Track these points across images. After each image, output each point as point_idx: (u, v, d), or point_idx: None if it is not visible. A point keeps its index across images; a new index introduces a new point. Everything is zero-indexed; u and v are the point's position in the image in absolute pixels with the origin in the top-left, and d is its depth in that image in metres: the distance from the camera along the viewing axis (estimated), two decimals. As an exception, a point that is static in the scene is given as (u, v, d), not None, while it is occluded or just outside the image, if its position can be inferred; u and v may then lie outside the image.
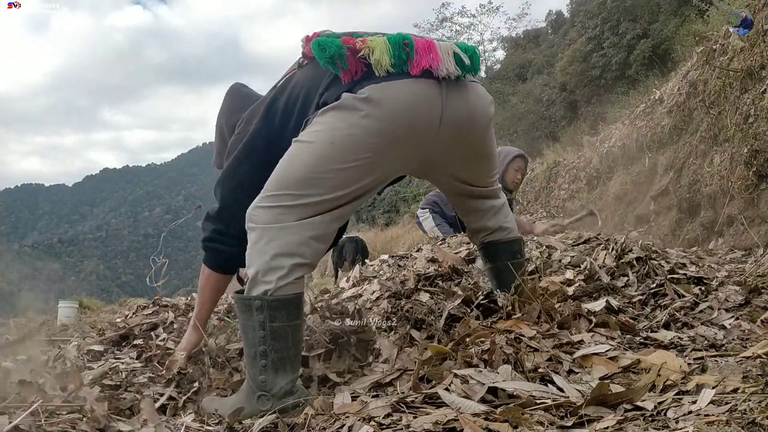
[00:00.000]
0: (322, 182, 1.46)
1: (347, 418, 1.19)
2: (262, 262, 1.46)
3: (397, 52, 1.42)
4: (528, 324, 1.58)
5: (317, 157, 1.46)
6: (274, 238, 1.46)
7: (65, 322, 6.57)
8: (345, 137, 1.44)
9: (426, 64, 1.42)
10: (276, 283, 1.44)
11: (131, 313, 2.64)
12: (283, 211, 1.47)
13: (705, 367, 1.27)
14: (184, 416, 1.49)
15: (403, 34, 1.46)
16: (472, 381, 1.23)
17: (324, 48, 1.44)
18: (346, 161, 1.45)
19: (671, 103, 4.98)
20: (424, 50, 1.43)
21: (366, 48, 1.42)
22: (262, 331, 1.45)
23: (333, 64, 1.45)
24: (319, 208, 1.48)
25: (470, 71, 1.49)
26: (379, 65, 1.42)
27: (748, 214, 3.27)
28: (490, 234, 1.86)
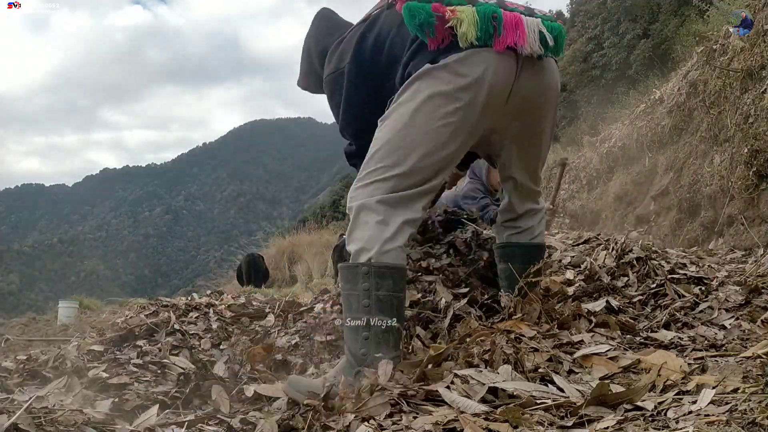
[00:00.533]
0: (411, 150, 1.50)
1: (347, 417, 1.19)
2: (364, 233, 1.49)
3: (485, 26, 1.43)
4: (528, 324, 1.58)
5: (404, 126, 1.50)
6: (373, 210, 1.49)
7: (65, 321, 6.59)
8: (428, 104, 1.48)
9: (511, 41, 1.44)
10: (381, 248, 1.45)
11: (132, 314, 2.64)
12: (378, 186, 1.51)
13: (705, 367, 1.27)
14: (186, 416, 1.49)
15: (493, 6, 1.47)
16: (473, 381, 1.23)
17: (414, 14, 1.46)
18: (431, 127, 1.48)
19: (671, 103, 4.98)
20: (511, 26, 1.45)
21: (455, 19, 1.44)
22: (367, 300, 1.45)
23: (421, 32, 1.47)
24: (410, 179, 1.51)
25: (553, 53, 1.52)
26: (465, 38, 1.43)
27: (748, 214, 3.27)
28: (517, 232, 1.85)
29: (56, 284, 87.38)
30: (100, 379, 1.65)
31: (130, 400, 1.50)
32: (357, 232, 1.51)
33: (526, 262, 1.79)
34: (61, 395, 1.45)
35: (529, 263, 1.78)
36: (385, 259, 1.45)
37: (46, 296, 67.15)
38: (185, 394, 1.67)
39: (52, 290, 76.55)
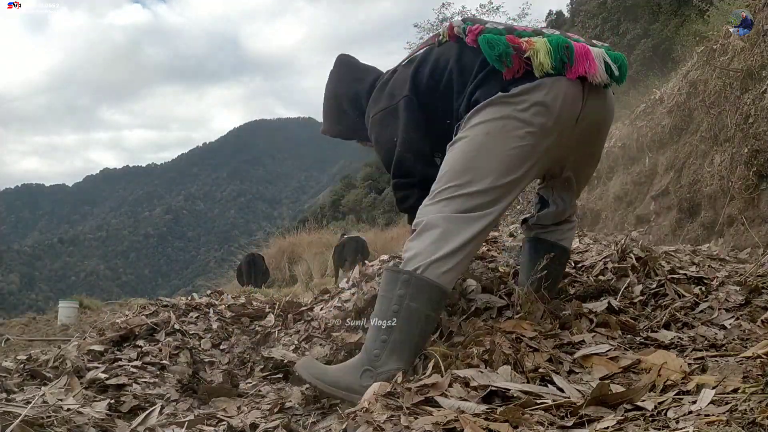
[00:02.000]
0: (481, 171, 1.53)
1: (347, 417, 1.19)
2: (421, 245, 1.51)
3: (559, 56, 1.50)
4: (530, 323, 1.58)
5: (474, 147, 1.55)
6: (435, 225, 1.52)
7: (65, 321, 6.58)
8: (500, 128, 1.53)
9: (582, 71, 1.51)
10: (427, 264, 1.48)
11: (132, 314, 2.64)
12: (445, 203, 1.54)
13: (705, 367, 1.27)
14: (186, 417, 1.49)
15: (563, 38, 1.53)
16: (473, 382, 1.23)
17: (493, 46, 1.52)
18: (502, 150, 1.53)
19: (671, 103, 4.98)
20: (582, 57, 1.51)
21: (532, 50, 1.50)
22: (397, 306, 1.48)
23: (499, 62, 1.52)
24: (478, 200, 1.53)
25: (617, 81, 1.57)
26: (541, 67, 1.50)
27: (748, 214, 3.27)
28: (545, 232, 1.88)
29: (56, 284, 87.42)
30: (99, 379, 1.65)
31: (126, 401, 1.50)
32: (415, 242, 1.54)
33: (545, 259, 1.80)
34: (61, 395, 1.45)
35: (552, 262, 1.80)
36: (428, 274, 1.48)
37: (46, 296, 67.16)
38: (184, 395, 1.67)
39: (53, 290, 76.57)
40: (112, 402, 1.45)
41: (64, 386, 1.56)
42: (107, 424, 1.26)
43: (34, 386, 1.61)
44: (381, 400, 1.20)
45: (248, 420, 1.40)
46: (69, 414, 1.24)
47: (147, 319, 2.42)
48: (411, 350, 1.48)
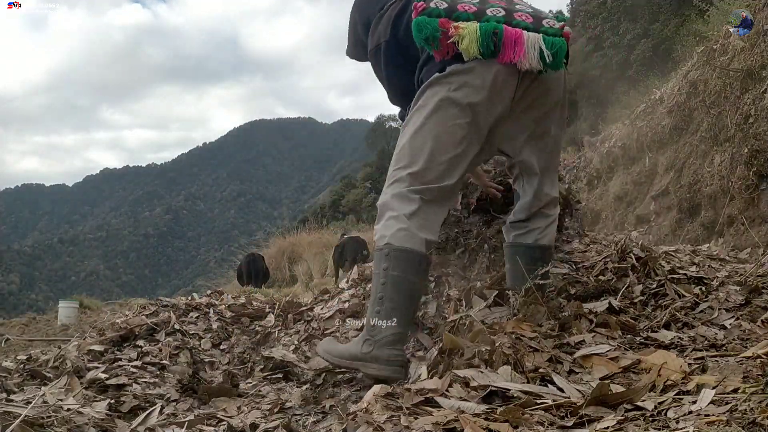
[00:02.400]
0: (423, 151, 1.66)
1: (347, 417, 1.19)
2: (383, 224, 1.68)
3: (485, 42, 1.56)
4: (530, 325, 1.58)
5: (416, 129, 1.68)
6: (389, 206, 1.68)
7: (65, 322, 6.58)
8: (436, 109, 1.65)
9: (509, 58, 1.56)
10: (393, 236, 1.63)
11: (132, 314, 2.64)
12: (396, 185, 1.70)
13: (705, 367, 1.27)
14: (186, 417, 1.49)
15: (495, 23, 1.58)
16: (473, 382, 1.23)
17: (421, 29, 1.60)
18: (441, 130, 1.65)
19: (671, 103, 4.98)
20: (510, 43, 1.56)
21: (457, 36, 1.57)
22: (383, 278, 1.62)
23: (427, 45, 1.61)
24: (425, 177, 1.67)
25: (551, 67, 1.59)
26: (467, 52, 1.58)
27: (748, 214, 3.27)
28: (523, 233, 1.89)
29: (56, 284, 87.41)
30: (99, 379, 1.65)
31: (126, 402, 1.50)
32: (379, 225, 1.70)
33: (530, 262, 1.83)
34: (61, 395, 1.45)
35: (534, 264, 1.82)
36: (402, 243, 1.62)
37: (47, 296, 67.14)
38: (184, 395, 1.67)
39: (53, 290, 76.54)
40: (112, 402, 1.45)
41: (64, 386, 1.56)
42: (107, 424, 1.26)
43: (34, 386, 1.61)
44: (381, 401, 1.20)
45: (248, 420, 1.40)
46: (69, 414, 1.24)
47: (147, 319, 2.42)
48: (402, 314, 1.61)
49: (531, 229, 1.88)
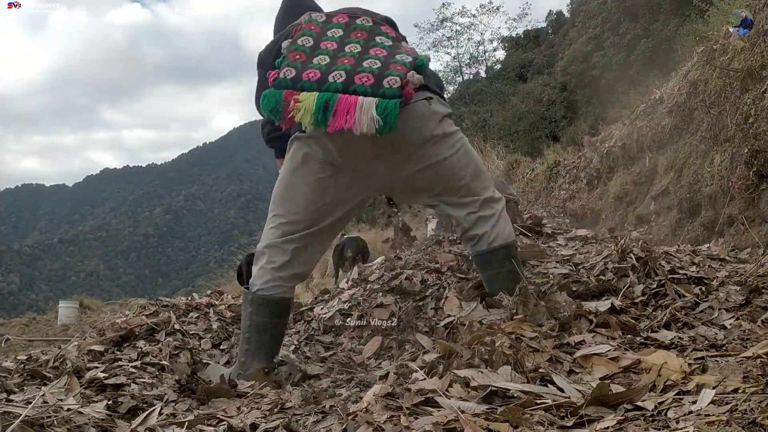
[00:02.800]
0: (288, 206, 1.85)
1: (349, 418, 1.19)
2: (257, 269, 1.86)
3: (318, 114, 1.66)
4: (530, 325, 1.58)
5: (282, 186, 1.88)
6: (262, 253, 1.86)
7: (66, 322, 6.59)
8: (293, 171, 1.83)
9: (339, 125, 1.65)
10: (262, 286, 1.83)
11: (132, 314, 2.64)
12: (272, 232, 1.87)
13: (705, 367, 1.27)
14: (186, 417, 1.49)
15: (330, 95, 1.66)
16: (473, 382, 1.23)
17: (268, 102, 1.72)
18: (297, 191, 1.83)
19: (672, 103, 4.98)
20: (342, 113, 1.65)
21: (295, 109, 1.68)
22: (248, 321, 1.84)
23: (273, 116, 1.74)
24: (293, 227, 1.84)
25: (383, 131, 1.63)
26: (304, 123, 1.68)
27: (748, 214, 3.27)
28: (474, 243, 1.95)
29: (56, 284, 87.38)
30: (98, 379, 1.65)
31: (124, 402, 1.50)
32: (254, 267, 1.88)
33: (496, 267, 1.93)
34: (61, 395, 1.45)
35: (501, 266, 1.91)
36: (264, 293, 1.82)
37: (47, 296, 67.13)
38: (182, 395, 1.67)
39: (53, 290, 76.51)
40: (110, 403, 1.45)
41: (64, 386, 1.56)
42: (107, 425, 1.26)
43: (34, 386, 1.61)
44: (381, 401, 1.20)
45: (248, 420, 1.40)
46: (69, 414, 1.23)
47: (147, 320, 2.42)
48: (267, 352, 1.83)
49: (480, 236, 1.92)
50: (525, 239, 2.71)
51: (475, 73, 27.56)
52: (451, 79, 27.12)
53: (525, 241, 2.67)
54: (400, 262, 2.65)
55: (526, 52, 25.96)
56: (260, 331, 1.83)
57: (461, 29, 25.37)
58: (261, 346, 1.82)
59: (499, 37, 26.77)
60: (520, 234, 2.77)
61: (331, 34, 1.79)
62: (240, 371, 1.80)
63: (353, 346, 2.12)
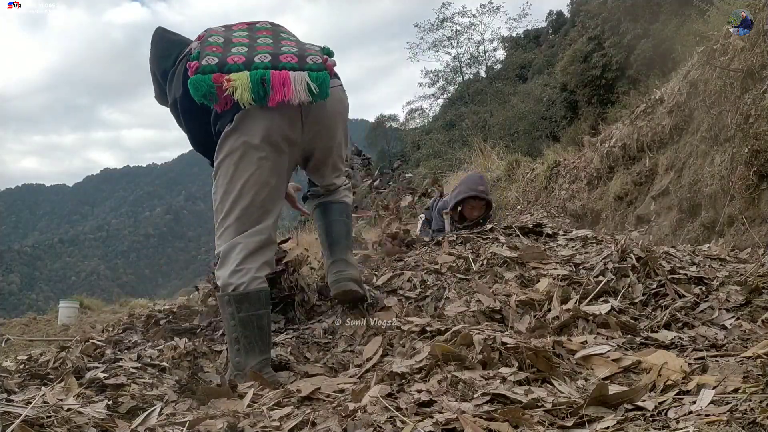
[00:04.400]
0: (240, 198, 1.84)
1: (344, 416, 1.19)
2: (226, 271, 1.85)
3: (256, 90, 1.73)
4: (529, 326, 1.58)
5: (227, 180, 1.86)
6: (225, 254, 1.86)
7: (66, 322, 6.59)
8: (239, 159, 1.83)
9: (279, 98, 1.74)
10: (237, 283, 1.81)
11: (133, 314, 2.64)
12: (227, 233, 1.87)
13: (706, 367, 1.27)
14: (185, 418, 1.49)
15: (263, 70, 1.74)
16: (473, 382, 1.23)
17: (197, 87, 1.74)
18: (248, 177, 1.82)
19: (672, 103, 4.98)
20: (279, 86, 1.74)
21: (231, 88, 1.73)
22: (233, 321, 1.82)
23: (207, 100, 1.76)
24: (248, 219, 1.85)
25: (319, 98, 1.79)
26: (242, 100, 1.73)
27: (748, 213, 3.27)
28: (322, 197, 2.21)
29: (57, 284, 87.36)
30: (98, 379, 1.65)
31: (124, 402, 1.50)
32: (220, 271, 1.87)
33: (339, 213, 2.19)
34: (61, 395, 1.45)
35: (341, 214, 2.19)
36: (241, 290, 1.81)
37: (47, 296, 67.13)
38: (182, 395, 1.67)
39: (53, 290, 76.49)
40: (110, 403, 1.45)
41: (64, 386, 1.56)
42: (107, 425, 1.26)
43: (35, 386, 1.61)
44: (381, 402, 1.20)
45: (248, 420, 1.40)
46: (69, 414, 1.23)
47: (147, 320, 2.42)
48: (259, 344, 1.81)
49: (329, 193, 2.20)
50: (525, 240, 2.71)
51: (475, 73, 27.58)
52: (451, 79, 27.14)
53: (525, 241, 2.67)
54: (400, 263, 2.65)
55: (526, 52, 25.98)
56: (247, 327, 1.82)
57: (461, 29, 25.42)
58: (251, 341, 1.81)
59: (499, 37, 26.82)
60: (519, 235, 2.77)
61: (237, 35, 1.90)
62: (237, 372, 1.78)
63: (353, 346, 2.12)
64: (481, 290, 2.09)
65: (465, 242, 2.71)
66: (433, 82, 27.07)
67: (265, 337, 1.86)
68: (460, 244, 2.69)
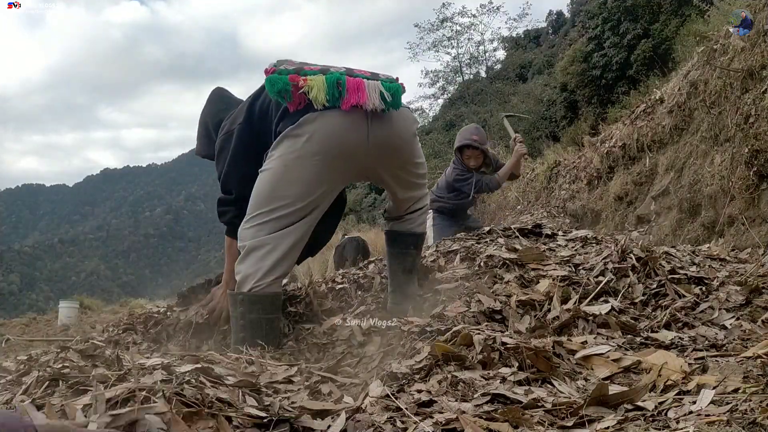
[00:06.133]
0: (284, 198, 1.84)
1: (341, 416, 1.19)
2: (246, 266, 1.85)
3: (332, 91, 1.77)
4: (529, 326, 1.58)
5: (277, 178, 1.85)
6: (254, 248, 1.85)
7: (66, 322, 6.59)
8: (294, 159, 1.82)
9: (354, 101, 1.77)
10: (254, 284, 1.83)
11: (132, 314, 2.64)
12: (259, 228, 1.86)
13: (706, 367, 1.27)
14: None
15: (339, 75, 1.79)
16: (473, 382, 1.23)
17: (273, 84, 1.79)
18: (298, 178, 1.83)
19: (672, 103, 4.98)
20: (354, 90, 1.78)
21: (306, 86, 1.77)
22: (242, 321, 1.84)
23: (281, 97, 1.81)
24: (285, 221, 1.85)
25: (392, 106, 1.83)
26: (317, 101, 1.78)
27: (748, 214, 3.27)
28: (399, 223, 2.19)
29: (57, 284, 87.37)
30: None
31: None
32: (242, 265, 1.87)
33: (405, 246, 2.17)
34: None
35: (407, 247, 2.18)
36: (256, 291, 1.83)
37: (47, 296, 67.11)
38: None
39: (53, 290, 76.52)
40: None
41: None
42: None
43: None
44: (381, 402, 1.20)
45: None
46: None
47: (147, 320, 2.42)
48: (266, 348, 1.81)
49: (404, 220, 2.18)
50: (524, 240, 2.71)
51: (476, 73, 27.58)
52: (451, 79, 27.14)
53: (524, 242, 2.67)
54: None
55: (526, 52, 25.98)
56: (255, 329, 1.83)
57: (461, 29, 25.40)
58: (257, 344, 1.81)
59: (499, 37, 26.79)
60: (518, 236, 2.77)
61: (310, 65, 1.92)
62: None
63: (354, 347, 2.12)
64: (481, 291, 2.09)
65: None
66: (433, 82, 27.08)
67: (273, 343, 1.86)
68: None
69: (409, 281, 2.17)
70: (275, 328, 1.91)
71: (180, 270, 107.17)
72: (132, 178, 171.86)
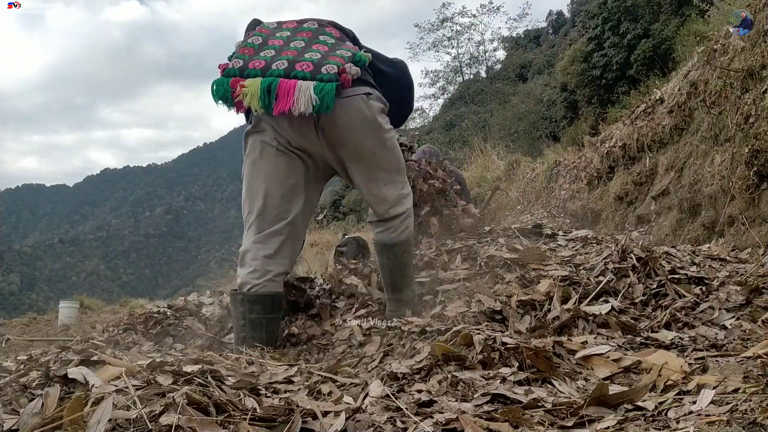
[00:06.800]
0: (256, 197, 1.92)
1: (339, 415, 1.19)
2: (242, 271, 1.91)
3: (263, 97, 1.79)
4: (529, 326, 1.58)
5: (248, 179, 1.95)
6: (246, 251, 1.93)
7: (66, 322, 6.59)
8: (258, 156, 1.92)
9: (282, 107, 1.78)
10: (253, 283, 1.87)
11: (132, 314, 2.64)
12: (248, 230, 1.95)
13: (706, 367, 1.27)
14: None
15: (272, 79, 1.79)
16: (473, 383, 1.23)
17: (216, 89, 1.83)
18: (260, 173, 1.90)
19: (672, 103, 4.98)
20: (284, 95, 1.78)
21: (242, 94, 1.80)
22: (243, 320, 1.86)
23: (224, 102, 1.84)
24: (266, 221, 1.91)
25: (320, 110, 1.79)
26: (252, 107, 1.81)
27: (749, 214, 3.27)
28: (381, 231, 2.12)
29: (57, 284, 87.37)
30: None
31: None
32: (240, 269, 1.94)
33: (391, 257, 2.12)
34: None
35: (394, 257, 2.11)
36: (255, 291, 1.87)
37: (47, 296, 67.09)
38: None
39: (53, 290, 76.49)
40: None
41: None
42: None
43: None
44: (381, 402, 1.20)
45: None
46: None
47: (147, 320, 2.42)
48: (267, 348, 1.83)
49: (387, 229, 2.10)
50: (524, 241, 2.71)
51: (476, 73, 27.59)
52: (451, 79, 27.14)
53: (524, 243, 2.67)
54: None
55: (526, 52, 25.97)
56: (255, 329, 1.85)
57: (461, 29, 25.44)
58: (258, 344, 1.82)
59: (499, 37, 26.82)
60: (518, 236, 2.77)
61: (279, 35, 1.95)
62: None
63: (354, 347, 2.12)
64: (481, 291, 2.09)
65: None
66: (433, 82, 27.10)
67: (272, 342, 1.88)
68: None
69: (403, 288, 2.14)
70: (275, 329, 1.92)
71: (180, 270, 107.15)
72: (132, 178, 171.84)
